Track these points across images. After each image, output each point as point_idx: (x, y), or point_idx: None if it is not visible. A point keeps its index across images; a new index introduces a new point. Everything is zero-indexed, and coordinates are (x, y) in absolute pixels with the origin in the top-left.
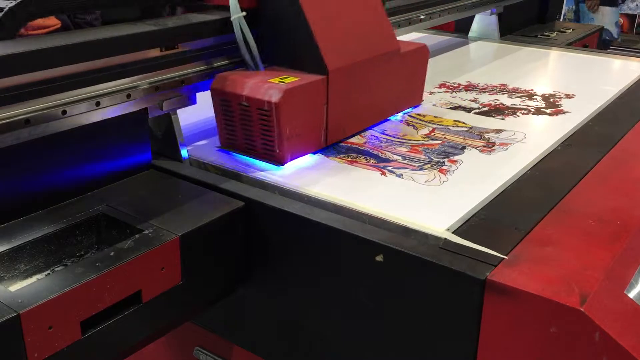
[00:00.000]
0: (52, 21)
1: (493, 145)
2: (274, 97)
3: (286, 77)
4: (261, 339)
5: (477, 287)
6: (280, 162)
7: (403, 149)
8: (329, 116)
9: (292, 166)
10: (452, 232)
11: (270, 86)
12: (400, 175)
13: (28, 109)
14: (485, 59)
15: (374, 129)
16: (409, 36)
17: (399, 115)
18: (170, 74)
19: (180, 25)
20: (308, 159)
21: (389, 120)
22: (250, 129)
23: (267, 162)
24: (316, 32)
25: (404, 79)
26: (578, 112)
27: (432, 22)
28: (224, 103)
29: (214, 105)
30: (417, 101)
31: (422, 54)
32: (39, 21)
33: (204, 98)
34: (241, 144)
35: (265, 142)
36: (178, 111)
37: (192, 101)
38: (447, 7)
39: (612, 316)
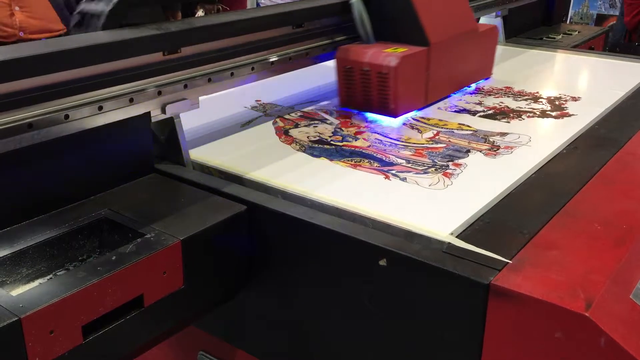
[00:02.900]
0: (58, 26)
1: (498, 149)
2: (392, 62)
3: (397, 48)
4: (264, 343)
5: (481, 292)
6: (395, 114)
7: (407, 153)
8: (429, 80)
9: (293, 168)
10: (456, 237)
11: (387, 55)
12: (404, 179)
13: (31, 113)
14: None
15: (377, 131)
16: None
17: (405, 118)
18: (173, 78)
19: (184, 29)
20: (311, 163)
21: (391, 121)
22: (369, 89)
23: (383, 115)
24: (420, 13)
25: (480, 53)
26: (584, 115)
27: None
28: (347, 69)
29: (337, 72)
30: (487, 74)
31: (493, 34)
32: (41, 25)
33: (205, 103)
34: (359, 102)
35: (382, 99)
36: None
37: (196, 105)
38: None
39: (617, 321)
